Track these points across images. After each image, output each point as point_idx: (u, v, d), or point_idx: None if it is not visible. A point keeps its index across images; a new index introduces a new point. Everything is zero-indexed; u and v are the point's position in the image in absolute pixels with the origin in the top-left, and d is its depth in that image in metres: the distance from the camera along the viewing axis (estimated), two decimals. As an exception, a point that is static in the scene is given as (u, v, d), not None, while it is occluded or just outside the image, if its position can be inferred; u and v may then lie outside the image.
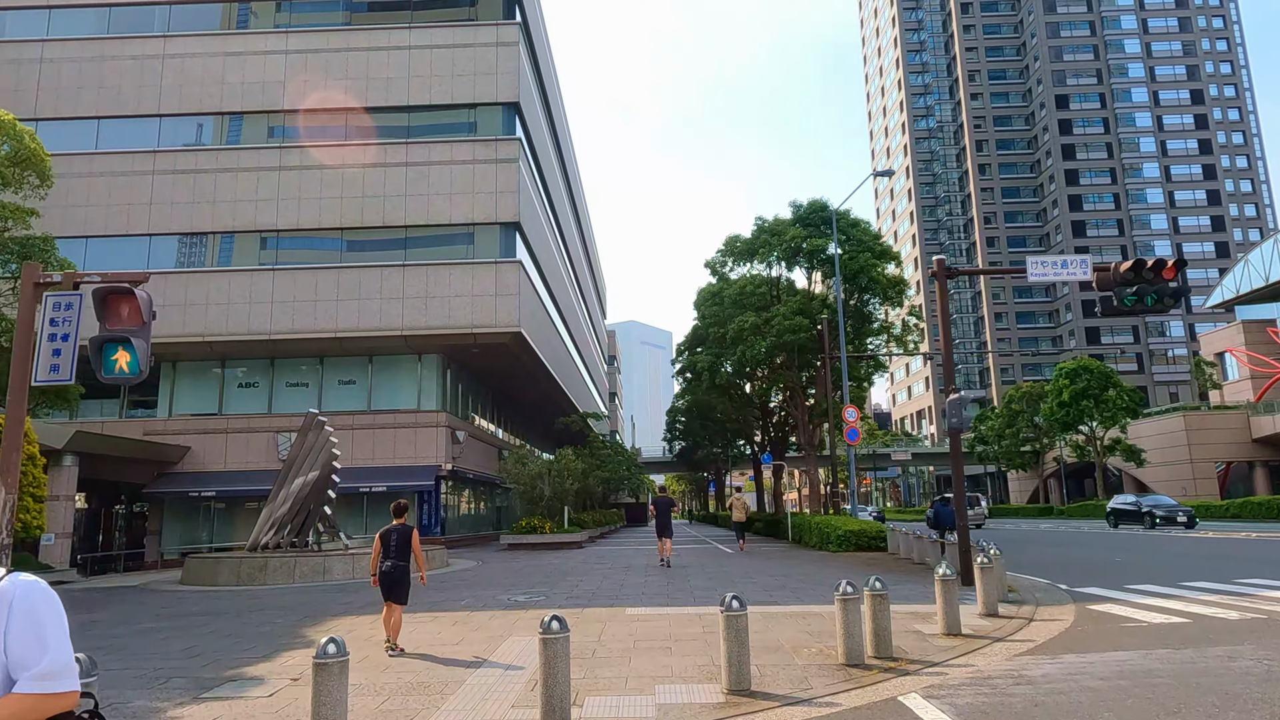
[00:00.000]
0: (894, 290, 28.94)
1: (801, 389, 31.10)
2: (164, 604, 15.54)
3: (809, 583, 15.55)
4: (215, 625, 12.23)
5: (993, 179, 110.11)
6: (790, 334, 27.19)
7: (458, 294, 29.77)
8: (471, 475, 33.85)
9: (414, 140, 31.19)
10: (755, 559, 22.15)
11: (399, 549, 9.54)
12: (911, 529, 21.62)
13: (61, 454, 24.86)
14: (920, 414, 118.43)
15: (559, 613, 11.98)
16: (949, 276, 16.07)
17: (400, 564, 9.50)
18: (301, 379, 32.10)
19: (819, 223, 29.44)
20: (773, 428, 39.76)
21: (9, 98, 31.94)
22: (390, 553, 9.51)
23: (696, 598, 13.66)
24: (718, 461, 67.52)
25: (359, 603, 14.33)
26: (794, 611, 11.82)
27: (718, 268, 32.44)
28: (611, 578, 17.47)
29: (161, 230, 30.98)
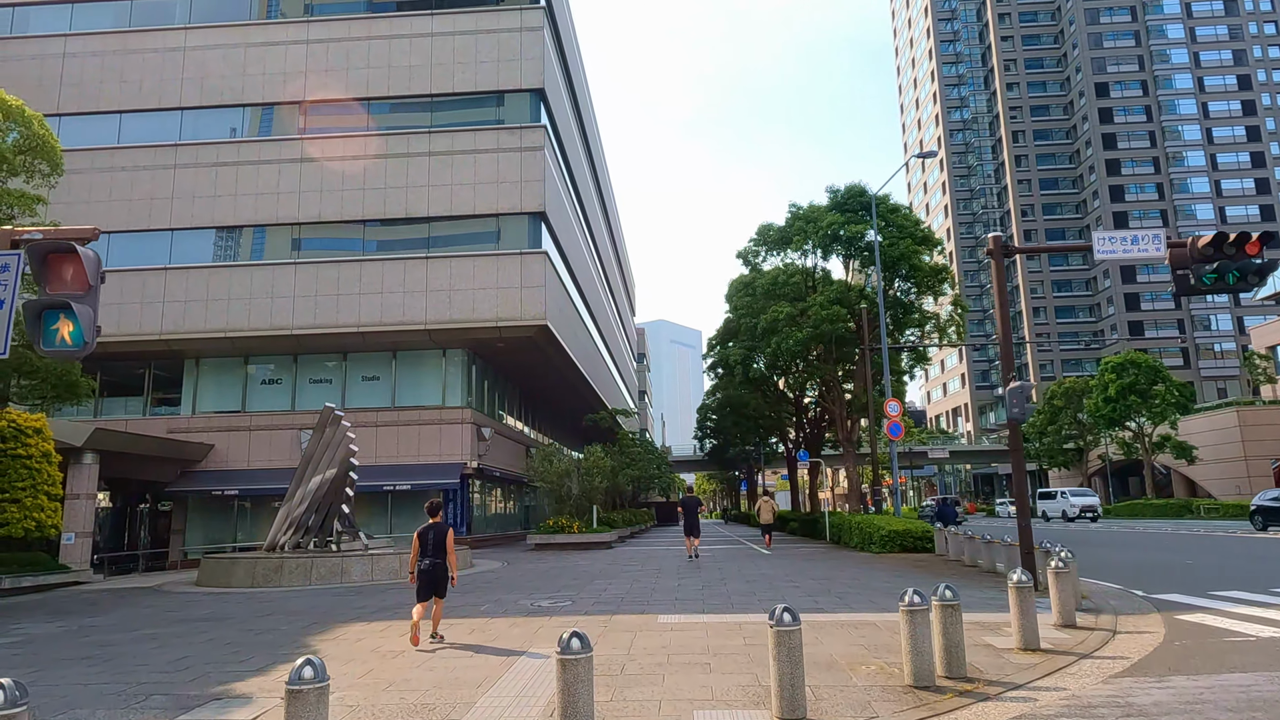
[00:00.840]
0: (936, 279, 27.54)
1: (838, 383, 29.82)
2: (172, 607, 14.78)
3: (856, 587, 14.38)
4: (217, 632, 11.38)
5: (1030, 170, 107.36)
6: (827, 324, 25.94)
7: (482, 286, 28.91)
8: (498, 473, 33.01)
9: (437, 129, 30.39)
10: (793, 560, 20.99)
11: (435, 547, 9.81)
12: (959, 529, 20.32)
13: (82, 452, 24.37)
14: (956, 411, 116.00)
15: (585, 621, 10.96)
16: (1006, 255, 14.80)
17: (438, 562, 9.77)
18: (325, 375, 31.47)
19: (857, 208, 28.11)
20: (808, 424, 38.43)
21: (33, 93, 31.63)
22: (428, 551, 9.80)
23: (734, 604, 12.57)
24: (750, 460, 66.23)
25: (373, 607, 13.44)
26: (844, 620, 10.68)
27: (750, 258, 31.25)
28: (642, 581, 16.43)
29: (183, 225, 30.50)
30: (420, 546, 9.85)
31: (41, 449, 20.42)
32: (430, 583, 9.74)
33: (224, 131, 31.25)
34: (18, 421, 20.15)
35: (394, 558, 18.64)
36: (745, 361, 30.60)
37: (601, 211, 54.02)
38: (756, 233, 30.88)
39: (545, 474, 29.04)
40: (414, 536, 10.01)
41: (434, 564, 9.75)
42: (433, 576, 9.73)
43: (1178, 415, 54.21)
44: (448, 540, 9.87)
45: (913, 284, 27.79)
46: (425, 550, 9.81)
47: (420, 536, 9.90)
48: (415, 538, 9.95)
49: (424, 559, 9.78)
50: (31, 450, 20.16)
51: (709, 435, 61.38)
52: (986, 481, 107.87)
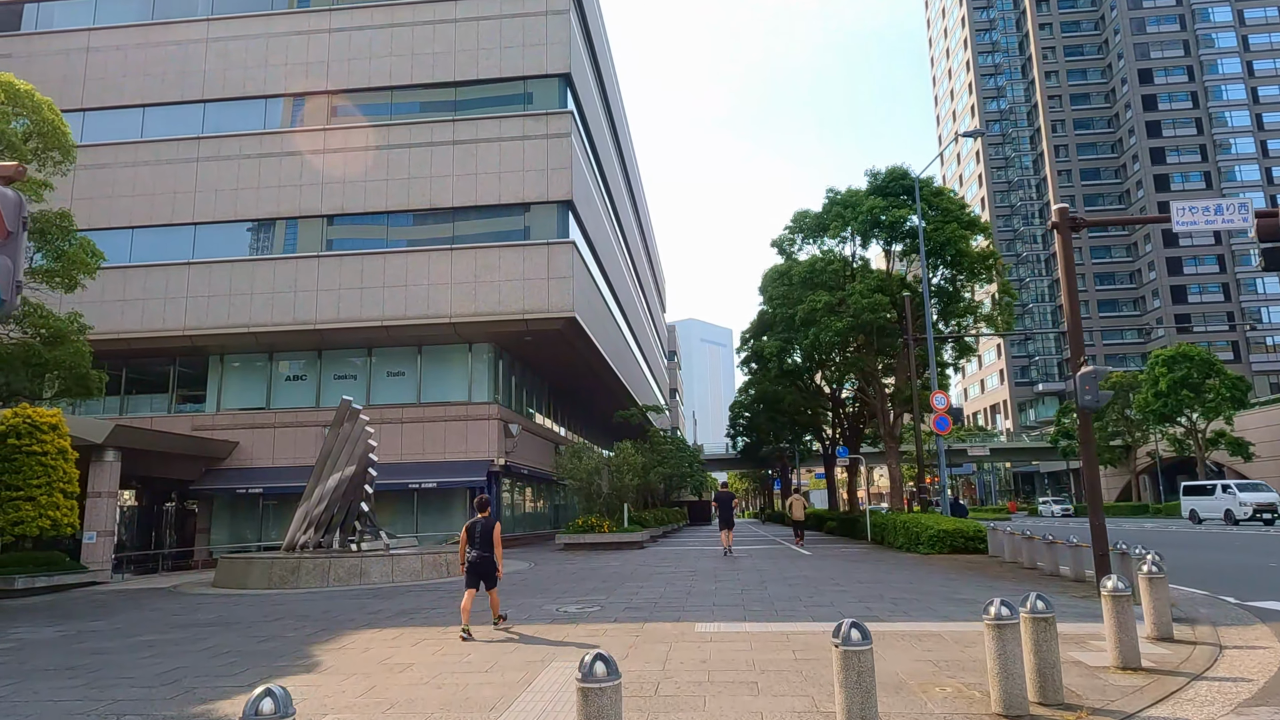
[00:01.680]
0: (983, 265, 26.10)
1: (879, 375, 28.47)
2: (181, 610, 14.01)
3: (910, 592, 13.18)
4: (218, 639, 10.53)
5: (1070, 160, 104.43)
6: (869, 313, 24.64)
7: (508, 278, 28.04)
8: (526, 471, 32.13)
9: (461, 117, 29.58)
10: (836, 561, 19.78)
11: (482, 540, 10.40)
12: (1011, 528, 18.96)
13: (103, 449, 23.88)
14: (994, 408, 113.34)
15: (614, 630, 9.89)
16: (1074, 228, 13.52)
17: (485, 554, 10.37)
18: (349, 371, 30.82)
19: (899, 192, 26.76)
20: (846, 420, 37.06)
21: (57, 88, 31.38)
22: (475, 543, 10.41)
23: (778, 610, 11.46)
24: (784, 457, 64.84)
25: (389, 611, 12.53)
26: (904, 631, 9.53)
27: (785, 246, 29.99)
28: (676, 584, 15.37)
29: (206, 219, 30.03)
30: (468, 539, 10.48)
31: (58, 445, 19.88)
32: (477, 573, 10.39)
33: (246, 124, 30.71)
34: (33, 418, 19.62)
35: (415, 559, 17.78)
36: (781, 354, 29.36)
37: (630, 203, 52.97)
38: (792, 219, 29.66)
39: (574, 471, 28.07)
40: (463, 530, 10.62)
41: (481, 556, 10.37)
42: (479, 568, 10.39)
43: (1233, 410, 51.87)
44: (494, 534, 10.46)
45: (958, 271, 26.38)
46: (473, 543, 10.44)
47: (468, 530, 10.51)
48: (464, 531, 10.57)
49: (472, 551, 10.43)
50: (47, 447, 19.62)
51: (741, 433, 60.11)
52: (1027, 480, 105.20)
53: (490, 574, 10.46)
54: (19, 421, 19.39)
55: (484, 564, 10.37)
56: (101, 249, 29.93)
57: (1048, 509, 66.31)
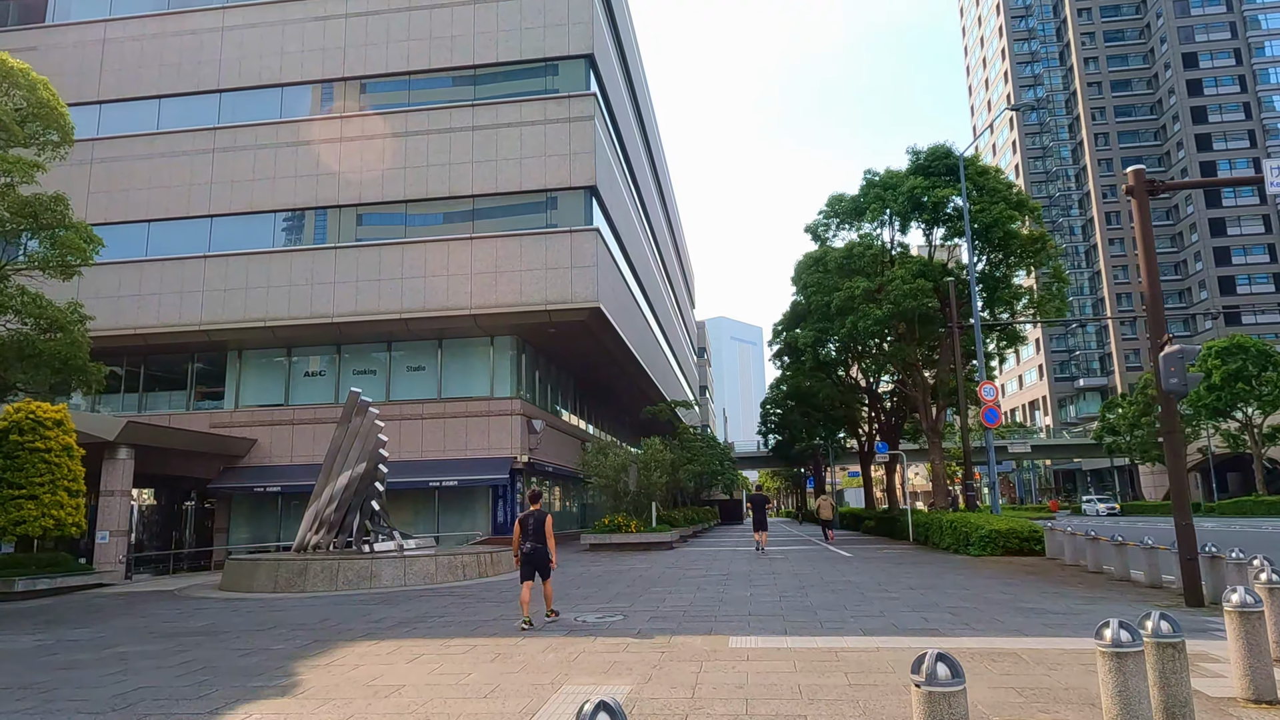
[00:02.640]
0: (1033, 248, 24.48)
1: (921, 366, 26.95)
2: (175, 616, 13.06)
3: (969, 600, 11.82)
4: (199, 652, 9.49)
5: (1111, 149, 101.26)
6: (910, 300, 23.15)
7: (530, 267, 26.95)
8: (550, 469, 31.04)
9: (480, 102, 28.56)
10: (879, 564, 18.40)
11: (535, 532, 10.60)
12: (1074, 527, 17.44)
13: (115, 446, 23.18)
14: (1033, 405, 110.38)
15: (636, 645, 8.66)
16: (1151, 193, 12.06)
17: (538, 546, 10.57)
18: (369, 366, 29.94)
19: (941, 172, 25.21)
20: (884, 414, 35.47)
21: (74, 81, 30.99)
22: (529, 535, 10.61)
23: (823, 621, 10.17)
24: (817, 455, 63.21)
25: (392, 620, 11.44)
26: (974, 649, 8.20)
27: (819, 232, 28.54)
28: (707, 589, 14.12)
29: (222, 211, 29.33)
30: (521, 531, 10.68)
31: (62, 442, 19.13)
32: (532, 564, 10.57)
33: (262, 114, 29.97)
34: (36, 413, 18.88)
35: (429, 560, 16.71)
36: (815, 345, 27.94)
37: (657, 192, 51.65)
38: (827, 204, 28.20)
39: (600, 469, 26.91)
40: (515, 523, 10.84)
41: (534, 548, 10.56)
42: (533, 559, 10.56)
43: (1292, 404, 49.44)
44: (546, 526, 10.63)
45: (1005, 255, 24.78)
46: (526, 535, 10.63)
47: (521, 523, 10.72)
48: (517, 524, 10.79)
49: (525, 543, 10.60)
50: (51, 444, 18.87)
51: (773, 430, 58.65)
52: (1068, 478, 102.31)
53: (545, 565, 10.61)
54: (22, 417, 18.66)
55: (538, 555, 10.54)
56: (118, 243, 29.52)
57: (1092, 508, 63.91)
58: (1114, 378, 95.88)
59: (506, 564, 18.64)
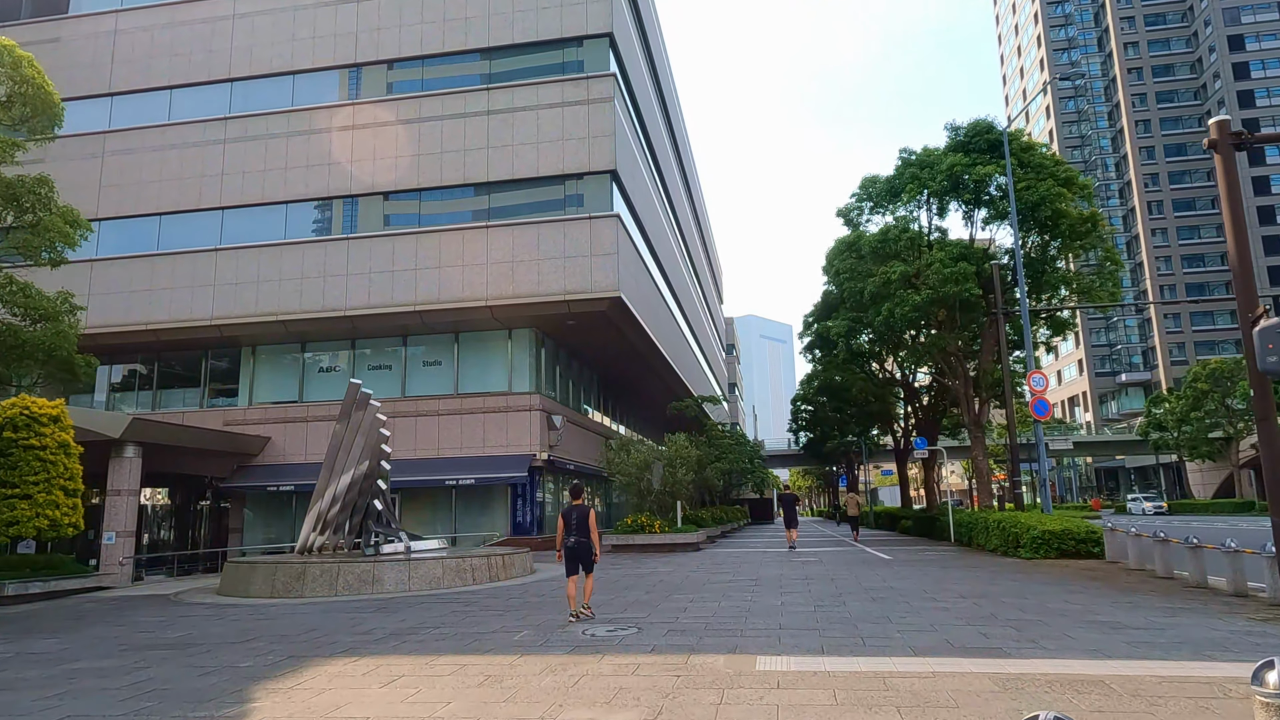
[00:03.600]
0: (1083, 229, 22.80)
1: (963, 357, 25.37)
2: (154, 626, 12.05)
3: (1030, 611, 10.41)
4: (157, 670, 8.42)
5: (1154, 136, 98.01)
6: (951, 285, 21.61)
7: (547, 256, 25.82)
8: (572, 466, 29.88)
9: (496, 85, 27.49)
10: (921, 567, 16.97)
11: (579, 526, 10.63)
12: (1135, 527, 15.88)
13: (122, 444, 22.46)
14: (1072, 400, 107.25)
15: (649, 665, 7.40)
16: (1237, 146, 10.57)
17: (582, 540, 10.59)
18: (384, 361, 29.03)
19: (984, 148, 23.62)
20: (922, 409, 33.81)
21: (86, 73, 30.50)
22: (572, 530, 10.64)
23: (865, 637, 8.85)
24: (850, 452, 61.48)
25: (382, 631, 10.30)
26: (1049, 674, 6.84)
27: (851, 215, 27.05)
28: (734, 596, 12.82)
29: (233, 203, 28.59)
30: (564, 526, 10.72)
31: (58, 439, 18.29)
32: (576, 558, 10.63)
33: (274, 102, 29.17)
34: (31, 409, 18.08)
35: (435, 564, 15.60)
36: (849, 335, 26.46)
37: (681, 181, 50.24)
38: (860, 186, 26.70)
39: (622, 466, 25.70)
40: (559, 517, 10.86)
41: (578, 542, 10.60)
42: (577, 553, 10.61)
43: (1355, 397, 46.79)
44: (590, 520, 10.66)
45: (1053, 236, 23.12)
46: (569, 529, 10.67)
47: (564, 517, 10.76)
48: (560, 518, 10.79)
49: (569, 537, 10.65)
50: (46, 441, 18.04)
51: (804, 427, 57.05)
52: (1110, 476, 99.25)
53: (588, 558, 10.62)
54: (16, 413, 17.85)
55: (582, 549, 10.58)
56: (130, 238, 28.90)
57: (1138, 506, 61.47)
58: (1157, 372, 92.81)
59: (520, 567, 17.51)
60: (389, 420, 27.07)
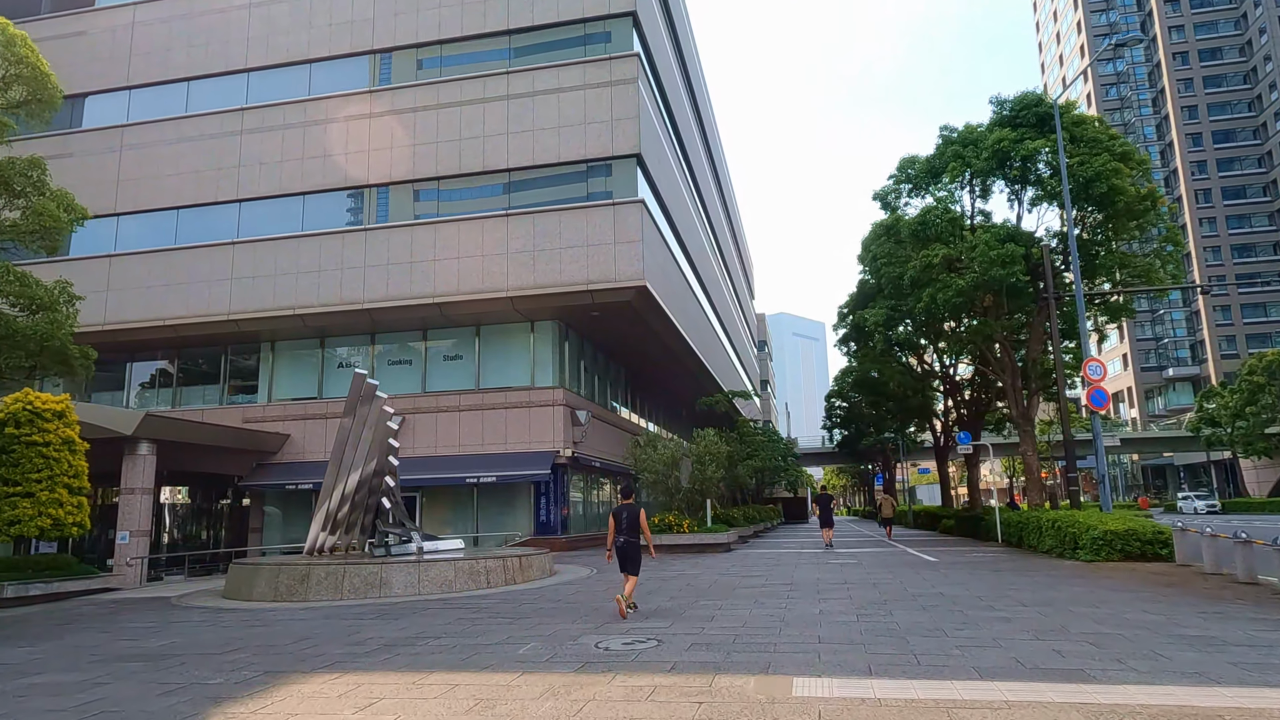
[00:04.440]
0: (1141, 207, 21.23)
1: (1008, 345, 23.87)
2: (140, 633, 11.21)
3: (1108, 623, 9.12)
4: (116, 687, 7.51)
5: (1201, 123, 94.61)
6: (998, 267, 20.19)
7: (570, 244, 24.82)
8: (598, 464, 28.87)
9: (516, 69, 26.55)
10: (972, 570, 15.64)
11: (629, 526, 10.59)
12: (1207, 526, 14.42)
13: (135, 441, 21.87)
14: (1116, 396, 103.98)
15: (668, 687, 6.07)
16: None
17: (632, 540, 10.59)
18: (404, 356, 28.26)
19: (1032, 123, 22.12)
20: (964, 403, 32.25)
21: (105, 66, 30.16)
22: (622, 529, 10.61)
23: (919, 654, 7.66)
24: (886, 450, 59.78)
25: (376, 642, 9.32)
26: (1154, 708, 5.61)
27: (889, 199, 25.65)
28: (767, 603, 11.66)
29: (250, 195, 28.00)
30: (615, 525, 10.70)
31: (63, 435, 17.69)
32: (624, 558, 10.67)
33: (290, 92, 28.53)
34: (35, 404, 17.47)
35: (447, 566, 14.63)
36: (887, 324, 25.10)
37: (710, 168, 48.93)
38: (897, 168, 25.30)
39: (649, 463, 24.60)
40: (610, 516, 10.82)
41: (627, 541, 10.62)
42: (626, 552, 10.64)
43: None
44: (641, 520, 10.66)
45: (1108, 214, 21.53)
46: (620, 529, 10.65)
47: (615, 516, 10.73)
48: (611, 517, 10.75)
49: (619, 536, 10.65)
50: (49, 437, 17.44)
51: (838, 424, 55.56)
52: (1157, 473, 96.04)
53: (636, 558, 10.67)
54: (19, 409, 17.27)
55: (630, 549, 10.62)
56: (148, 232, 28.44)
57: (1189, 505, 58.99)
58: (1206, 366, 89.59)
59: (539, 569, 16.50)
60: (408, 417, 26.39)
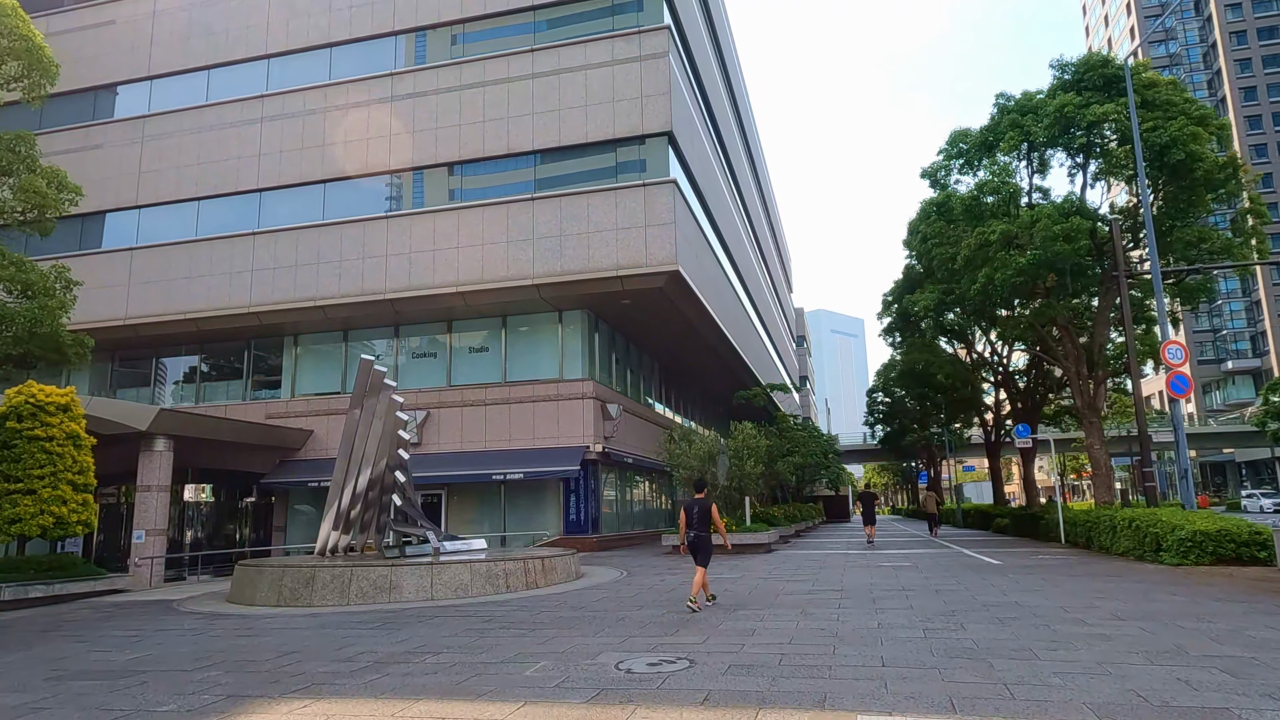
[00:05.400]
0: (1221, 176, 19.33)
1: (1071, 330, 22.05)
2: (117, 643, 10.18)
3: (1226, 639, 7.56)
4: (48, 716, 6.38)
5: (1260, 104, 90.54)
6: (1063, 242, 18.46)
7: (598, 228, 23.57)
8: (630, 460, 27.58)
9: (541, 46, 25.36)
10: (1046, 575, 14.03)
11: (700, 520, 10.79)
12: None
13: (152, 438, 21.11)
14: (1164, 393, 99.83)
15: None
16: None
17: (702, 534, 10.77)
18: (429, 349, 27.25)
19: (1098, 85, 20.29)
20: (1019, 394, 30.35)
21: (127, 58, 29.62)
22: (693, 524, 10.80)
23: (1010, 683, 6.21)
24: (931, 447, 57.65)
25: (368, 659, 8.12)
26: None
27: (939, 176, 23.94)
28: (815, 614, 10.23)
29: (271, 184, 27.21)
30: (686, 519, 10.83)
31: (67, 430, 16.90)
32: (694, 551, 10.74)
33: (310, 77, 27.69)
34: (38, 397, 16.68)
35: (463, 569, 13.44)
36: (938, 309, 23.43)
37: (744, 151, 47.27)
38: (947, 142, 23.57)
39: (683, 458, 23.25)
40: (681, 510, 10.97)
41: (698, 535, 10.71)
42: (696, 546, 10.71)
43: None
44: (713, 514, 10.79)
45: (1184, 184, 19.65)
46: (691, 523, 10.76)
47: (686, 510, 10.85)
48: (682, 511, 10.90)
49: (690, 531, 10.75)
50: (53, 431, 16.65)
51: (881, 420, 53.61)
52: (1217, 470, 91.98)
53: (707, 551, 10.74)
54: (21, 401, 16.50)
55: (701, 543, 10.71)
56: (169, 224, 27.80)
57: (1254, 503, 55.95)
58: (1269, 358, 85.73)
59: (563, 571, 15.25)
60: (433, 412, 25.37)
